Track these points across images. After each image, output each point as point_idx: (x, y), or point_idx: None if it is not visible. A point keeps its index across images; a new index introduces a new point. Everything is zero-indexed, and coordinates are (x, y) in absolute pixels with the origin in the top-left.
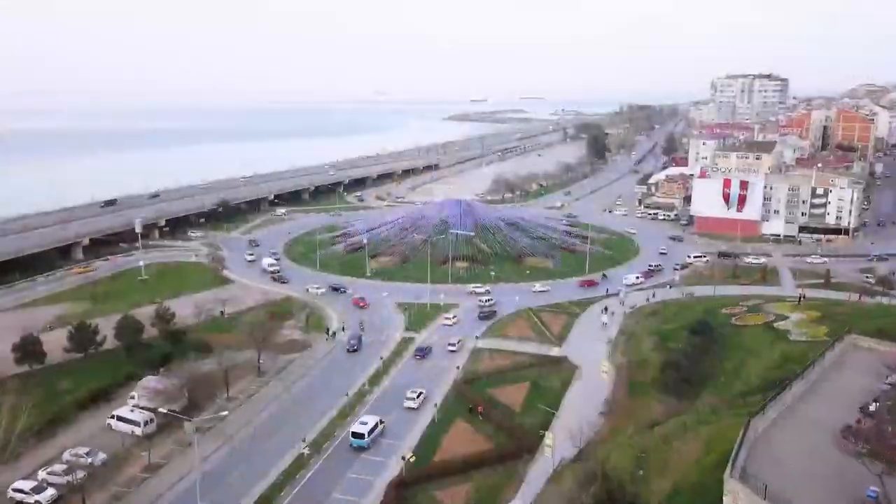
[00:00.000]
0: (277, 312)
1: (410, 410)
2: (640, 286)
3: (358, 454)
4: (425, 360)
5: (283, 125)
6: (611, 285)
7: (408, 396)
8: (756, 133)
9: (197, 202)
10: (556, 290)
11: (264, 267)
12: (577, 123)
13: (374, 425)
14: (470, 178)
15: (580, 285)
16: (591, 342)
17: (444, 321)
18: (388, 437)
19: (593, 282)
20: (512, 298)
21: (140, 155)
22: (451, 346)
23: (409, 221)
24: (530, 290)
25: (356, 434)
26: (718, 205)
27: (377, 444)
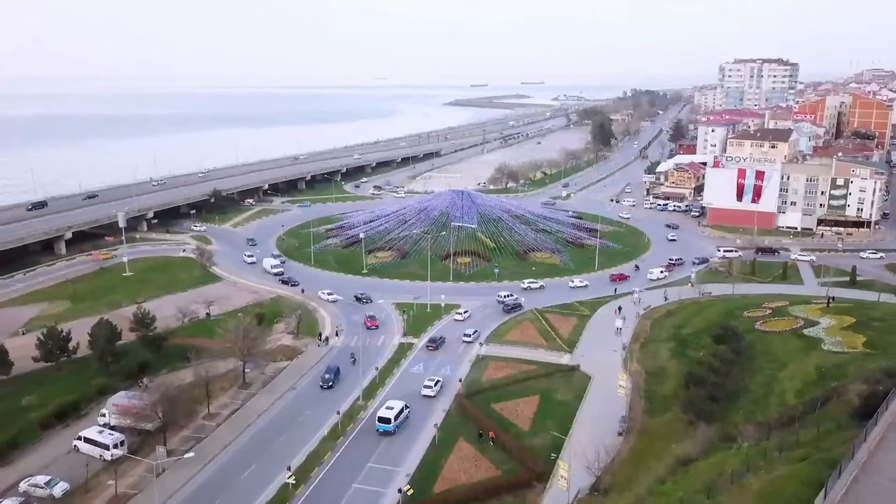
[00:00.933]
0: (266, 314)
1: (427, 399)
2: (662, 280)
3: (349, 485)
4: (438, 352)
5: (279, 112)
6: (640, 279)
7: (425, 384)
8: (767, 120)
9: (187, 192)
10: (566, 288)
11: (266, 269)
12: (579, 109)
13: (401, 410)
14: (471, 166)
15: (611, 280)
16: (603, 348)
17: (456, 317)
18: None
19: (624, 276)
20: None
21: (132, 142)
22: (466, 338)
23: (408, 213)
24: (567, 286)
25: (383, 419)
26: (732, 196)
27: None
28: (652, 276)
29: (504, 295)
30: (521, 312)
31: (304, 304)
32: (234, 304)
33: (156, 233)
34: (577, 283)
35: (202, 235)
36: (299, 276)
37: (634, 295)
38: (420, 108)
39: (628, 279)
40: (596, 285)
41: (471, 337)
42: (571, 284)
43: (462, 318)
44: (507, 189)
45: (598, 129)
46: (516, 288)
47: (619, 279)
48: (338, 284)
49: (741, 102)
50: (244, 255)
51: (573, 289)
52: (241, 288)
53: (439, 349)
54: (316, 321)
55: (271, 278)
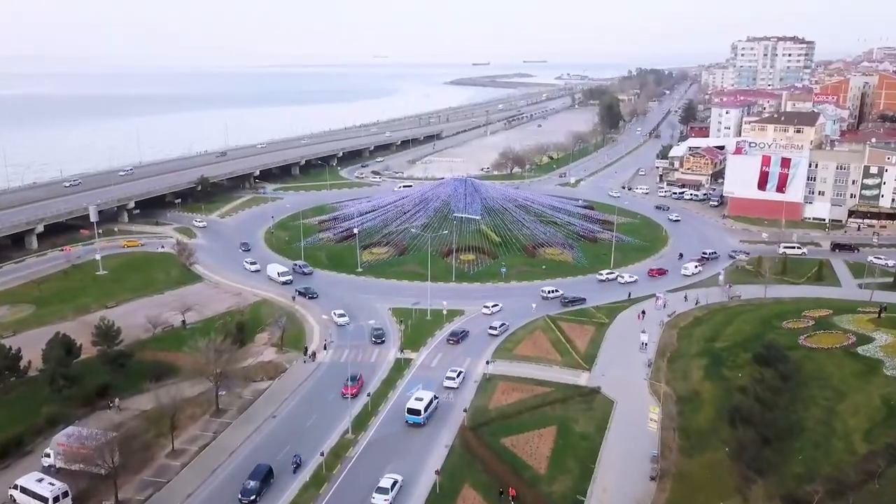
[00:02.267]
0: (248, 322)
1: (450, 390)
2: (697, 276)
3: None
4: (459, 346)
5: (277, 91)
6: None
7: (448, 376)
8: (784, 101)
9: (173, 180)
10: (581, 288)
11: (272, 276)
12: (584, 88)
13: (430, 401)
14: (474, 150)
15: (650, 275)
16: (625, 365)
17: (484, 310)
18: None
19: (663, 270)
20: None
21: (120, 123)
22: (492, 331)
23: (407, 204)
24: (618, 282)
25: (412, 411)
26: (755, 185)
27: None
28: (686, 271)
29: (548, 290)
30: (532, 319)
31: (290, 310)
32: (213, 308)
33: (137, 225)
34: (627, 278)
35: (186, 228)
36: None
37: (658, 301)
38: (421, 88)
39: (667, 274)
40: (613, 285)
41: (497, 330)
42: (622, 280)
43: (490, 312)
44: (511, 175)
45: (607, 110)
46: (525, 291)
47: (659, 274)
48: (330, 284)
49: (754, 82)
50: (245, 262)
51: (624, 284)
52: (224, 289)
53: (461, 343)
54: (303, 330)
55: (257, 277)
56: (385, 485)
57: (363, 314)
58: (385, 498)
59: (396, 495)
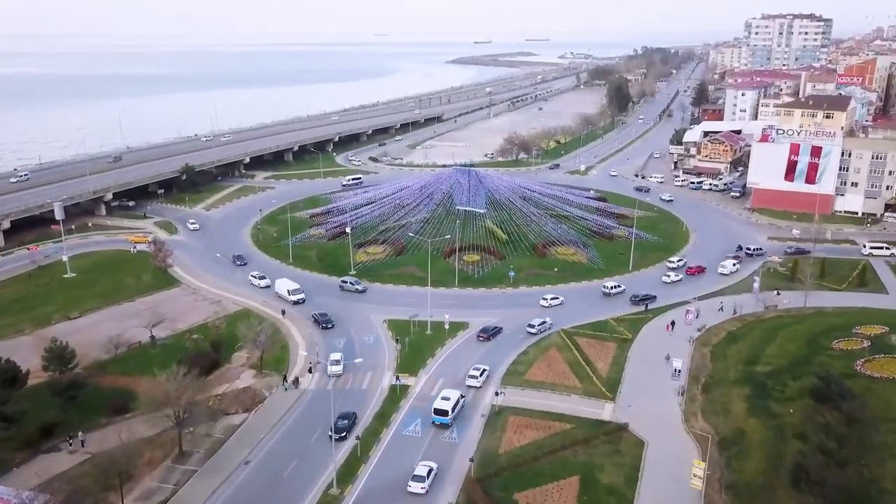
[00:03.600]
0: (225, 337)
1: (473, 390)
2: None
3: None
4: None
5: (271, 71)
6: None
7: (470, 374)
8: (804, 82)
9: (155, 168)
10: (599, 294)
11: (281, 293)
12: (589, 68)
13: (457, 401)
14: (477, 133)
15: (688, 273)
16: (654, 393)
17: (542, 303)
18: None
19: (702, 268)
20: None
21: (103, 105)
22: (530, 329)
23: (405, 196)
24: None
25: (439, 411)
26: (782, 175)
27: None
28: (724, 270)
29: (611, 286)
30: (546, 335)
31: (274, 323)
32: (188, 320)
33: (114, 218)
34: (673, 277)
35: (167, 222)
36: (275, 278)
37: (689, 315)
38: (422, 67)
39: (705, 272)
40: (632, 289)
41: (535, 328)
42: (667, 280)
43: (548, 305)
44: (517, 161)
45: (615, 91)
46: (537, 298)
47: (698, 272)
48: (320, 289)
49: (768, 62)
50: (251, 277)
51: (667, 284)
52: (202, 295)
53: (490, 340)
54: (287, 348)
55: (240, 282)
56: (421, 472)
57: (356, 327)
58: (422, 486)
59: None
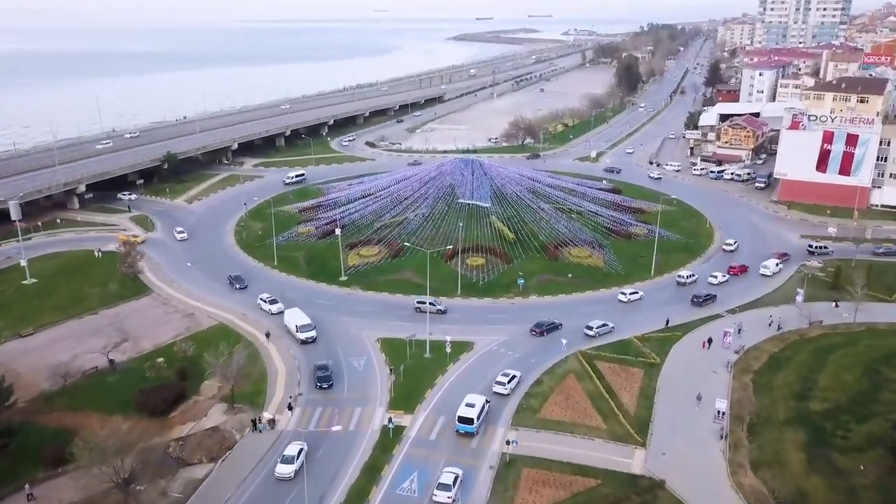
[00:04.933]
0: (194, 361)
1: (500, 396)
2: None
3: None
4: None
5: (266, 48)
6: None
7: (498, 380)
8: (825, 61)
9: (135, 156)
10: (620, 305)
11: (288, 326)
12: (595, 45)
13: (483, 406)
14: (480, 115)
15: (730, 272)
16: (691, 436)
17: (620, 297)
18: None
19: (745, 267)
20: None
21: (92, 84)
22: (588, 331)
23: (403, 188)
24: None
25: (464, 419)
26: (813, 165)
27: None
28: (766, 271)
29: (629, 293)
30: (562, 357)
31: (253, 344)
32: (155, 338)
33: (88, 213)
34: (721, 277)
35: (143, 217)
36: (259, 285)
37: (727, 338)
38: (422, 44)
39: (748, 271)
40: (656, 298)
41: (594, 331)
42: (712, 280)
43: (627, 300)
44: (524, 147)
45: (625, 71)
46: (550, 310)
47: (741, 271)
48: (307, 299)
49: (784, 39)
50: (261, 300)
51: (716, 285)
52: (174, 306)
53: (545, 335)
54: (265, 376)
55: (219, 291)
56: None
57: (345, 347)
58: (448, 495)
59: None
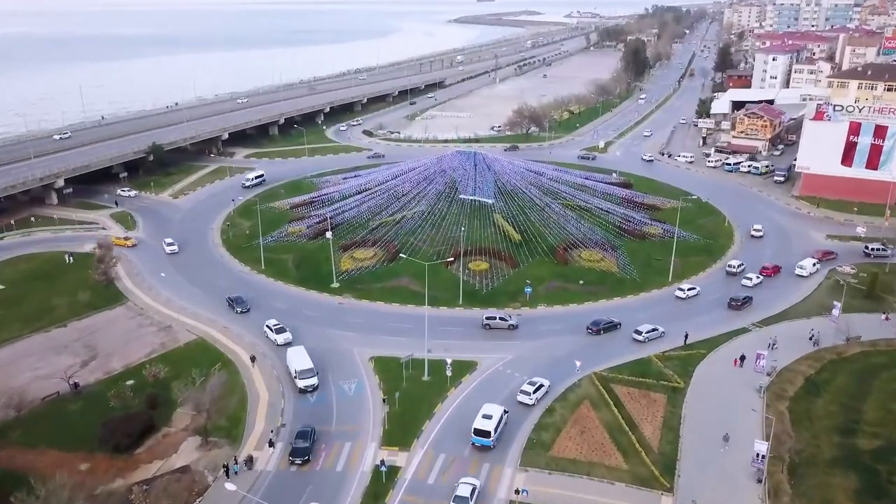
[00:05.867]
0: (167, 384)
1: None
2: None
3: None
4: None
5: (263, 31)
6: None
7: (523, 389)
8: (841, 45)
9: (119, 147)
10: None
11: (289, 366)
12: (598, 28)
13: (500, 417)
14: (482, 101)
15: (762, 273)
16: (724, 477)
17: (678, 293)
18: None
19: (777, 268)
20: None
21: (78, 70)
22: (637, 335)
23: (401, 183)
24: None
25: (480, 432)
26: (838, 159)
27: None
28: (802, 271)
29: (686, 287)
30: (576, 381)
31: (233, 363)
32: (127, 354)
33: (65, 209)
34: (755, 279)
35: (124, 214)
36: (247, 292)
37: (760, 362)
38: (423, 27)
39: (781, 272)
40: (682, 306)
41: (643, 336)
42: (748, 283)
43: (685, 296)
44: (528, 136)
45: (632, 55)
46: (560, 321)
47: (774, 272)
48: (294, 311)
49: (796, 22)
50: (267, 328)
51: (751, 287)
52: (150, 317)
53: (601, 335)
54: (244, 403)
55: (198, 300)
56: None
57: (335, 367)
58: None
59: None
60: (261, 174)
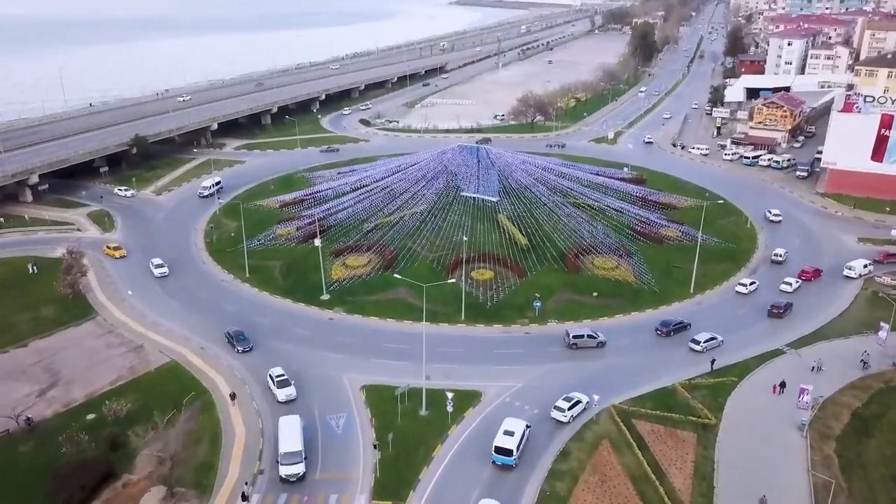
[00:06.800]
0: (131, 421)
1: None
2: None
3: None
4: None
5: (259, 13)
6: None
7: (557, 405)
8: (860, 30)
9: (97, 140)
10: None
11: (277, 439)
12: (603, 10)
13: (523, 434)
14: (484, 87)
15: (800, 277)
16: None
17: (739, 288)
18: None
19: (819, 271)
20: None
21: (72, 53)
22: (695, 345)
23: (399, 181)
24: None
25: (502, 450)
26: (867, 154)
27: None
28: (851, 272)
29: (748, 282)
30: (592, 416)
31: (207, 393)
32: (92, 380)
33: (39, 207)
34: (794, 284)
35: (101, 214)
36: (229, 304)
37: (804, 398)
38: (423, 9)
39: (822, 275)
40: (701, 325)
41: (700, 345)
42: (786, 288)
43: (746, 291)
44: (533, 126)
45: (641, 40)
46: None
47: (814, 276)
48: (277, 328)
49: (809, 4)
50: (269, 376)
51: (790, 293)
52: (120, 335)
53: (671, 336)
54: (217, 446)
55: (174, 316)
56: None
57: (321, 397)
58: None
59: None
60: (218, 181)
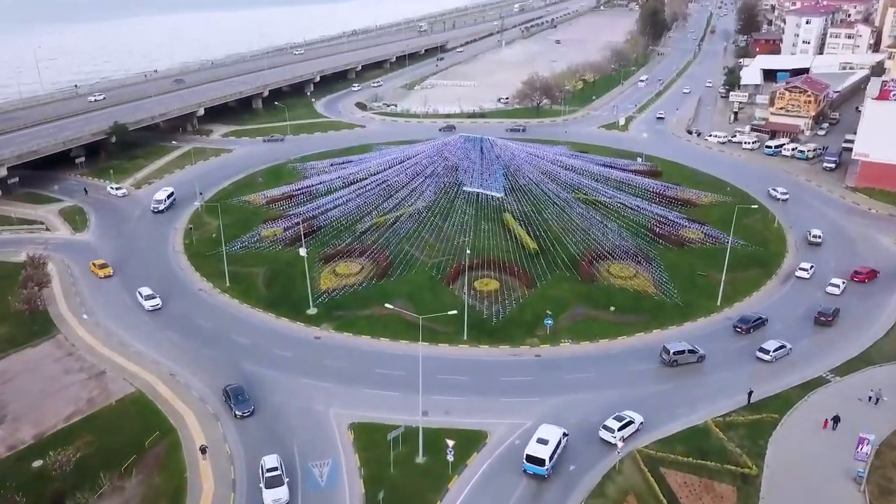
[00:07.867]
0: (86, 464)
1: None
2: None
3: None
4: None
5: None
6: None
7: (606, 425)
8: (882, 7)
9: (74, 128)
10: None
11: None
12: None
13: (558, 442)
14: (487, 68)
15: (852, 279)
16: None
17: (800, 273)
18: None
19: (875, 272)
20: None
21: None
22: (764, 355)
23: (396, 175)
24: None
25: (534, 459)
26: None
27: None
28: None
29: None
30: (613, 464)
31: (174, 432)
32: (43, 416)
33: (6, 205)
34: (841, 286)
35: (74, 210)
36: (206, 320)
37: (862, 448)
38: None
39: (878, 278)
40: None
41: (770, 355)
42: (833, 290)
43: (808, 276)
44: (539, 110)
45: (650, 17)
46: (591, 364)
47: (868, 278)
48: (264, 345)
49: None
50: (264, 476)
51: (838, 296)
52: (81, 359)
53: (750, 334)
54: (181, 494)
55: (145, 335)
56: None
57: (303, 439)
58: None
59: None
60: (171, 192)
